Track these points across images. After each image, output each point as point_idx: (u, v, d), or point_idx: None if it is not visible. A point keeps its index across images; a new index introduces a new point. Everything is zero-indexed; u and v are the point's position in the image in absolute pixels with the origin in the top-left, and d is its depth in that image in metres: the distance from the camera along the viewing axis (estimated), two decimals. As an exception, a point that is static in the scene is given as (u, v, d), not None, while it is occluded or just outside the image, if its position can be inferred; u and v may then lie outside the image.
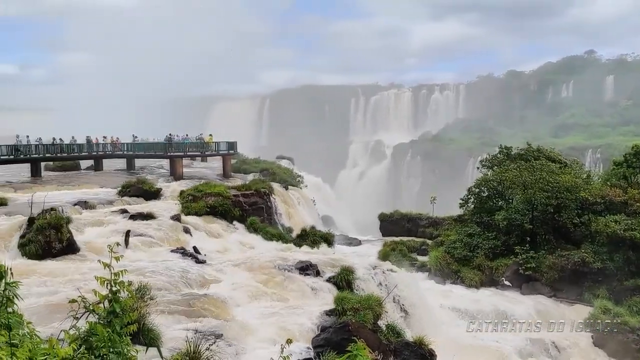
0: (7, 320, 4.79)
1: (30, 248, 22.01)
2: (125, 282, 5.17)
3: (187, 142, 50.26)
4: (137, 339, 11.07)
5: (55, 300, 16.07)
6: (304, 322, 17.83)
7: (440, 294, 29.20)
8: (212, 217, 32.35)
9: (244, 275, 22.59)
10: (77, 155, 48.62)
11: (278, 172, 51.07)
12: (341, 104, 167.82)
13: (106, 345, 4.59)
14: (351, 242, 45.35)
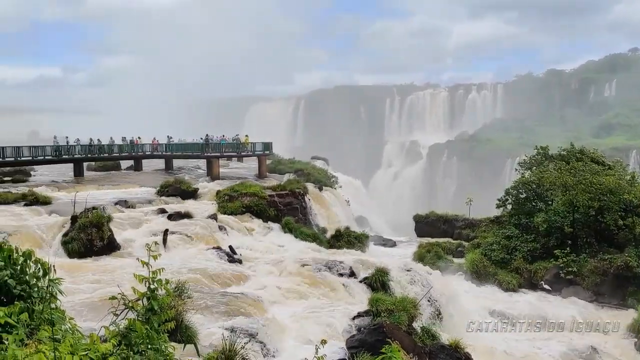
0: (50, 315, 4.95)
1: (73, 246, 22.71)
2: (163, 280, 5.26)
3: (224, 143, 50.94)
4: (175, 337, 11.28)
5: (96, 297, 16.51)
6: (337, 323, 17.81)
7: (476, 297, 28.72)
8: (248, 216, 32.68)
9: (279, 275, 22.75)
10: (118, 156, 49.89)
11: (313, 172, 51.19)
12: (376, 104, 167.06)
13: (144, 341, 4.68)
14: (386, 243, 45.07)
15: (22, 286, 5.10)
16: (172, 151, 50.92)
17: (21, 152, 40.06)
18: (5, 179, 39.92)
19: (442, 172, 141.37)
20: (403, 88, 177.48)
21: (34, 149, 41.50)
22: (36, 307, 4.98)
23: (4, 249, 5.14)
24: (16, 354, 3.56)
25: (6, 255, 5.10)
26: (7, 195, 30.37)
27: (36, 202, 29.70)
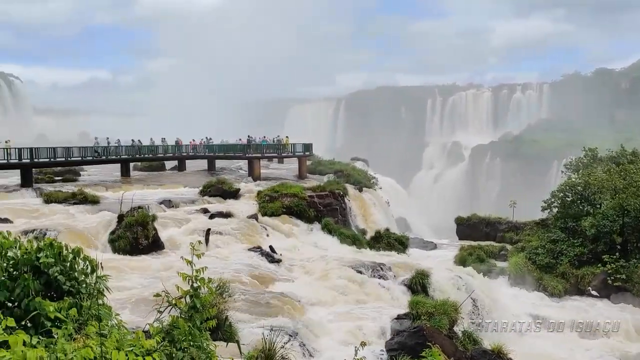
0: (98, 311, 5.11)
1: (120, 243, 23.40)
2: (205, 279, 5.35)
3: (265, 144, 51.44)
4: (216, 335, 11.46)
5: (141, 294, 16.95)
6: (377, 325, 17.72)
7: (520, 302, 28.03)
8: (288, 217, 32.89)
9: (319, 276, 22.79)
10: (163, 156, 51.10)
11: (352, 173, 51.05)
12: (418, 105, 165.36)
13: (187, 339, 4.77)
14: (426, 245, 44.54)
15: (71, 282, 5.28)
16: (215, 152, 51.81)
17: (71, 152, 41.56)
18: (57, 178, 41.48)
19: (485, 173, 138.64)
20: (445, 88, 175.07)
21: (83, 149, 42.99)
22: (84, 302, 5.15)
23: (55, 246, 5.33)
24: (65, 348, 3.68)
25: (56, 252, 5.29)
26: (57, 194, 31.54)
27: (85, 201, 30.73)
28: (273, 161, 60.84)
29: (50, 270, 5.14)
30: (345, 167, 55.06)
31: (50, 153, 39.36)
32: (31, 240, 5.46)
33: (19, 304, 4.84)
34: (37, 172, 40.22)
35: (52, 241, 5.41)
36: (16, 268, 5.10)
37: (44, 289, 5.11)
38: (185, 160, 52.17)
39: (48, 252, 5.23)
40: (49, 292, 5.17)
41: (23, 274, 5.00)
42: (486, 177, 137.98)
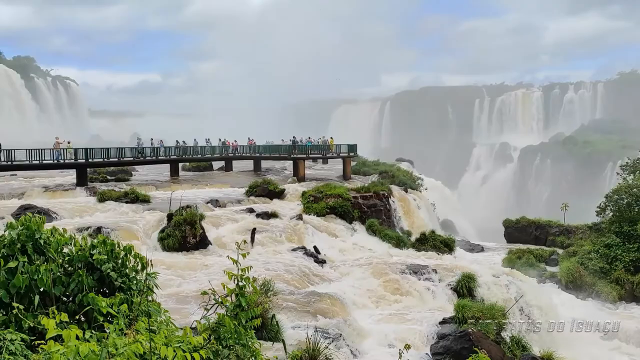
0: (147, 307, 5.25)
1: (169, 242, 24.00)
2: (251, 278, 5.41)
3: (310, 145, 51.69)
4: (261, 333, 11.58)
5: (188, 291, 17.33)
6: (422, 328, 17.50)
7: (572, 308, 27.09)
8: (332, 217, 32.93)
9: (363, 277, 22.70)
10: (210, 157, 52.14)
11: (397, 174, 50.61)
12: (465, 105, 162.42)
13: (233, 337, 4.84)
14: (473, 248, 43.67)
15: (122, 279, 5.45)
16: (261, 153, 52.46)
17: (124, 152, 43.01)
18: (110, 178, 42.98)
19: (535, 175, 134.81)
20: (493, 88, 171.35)
21: (135, 150, 44.43)
22: (135, 299, 5.30)
23: (107, 243, 5.52)
24: (116, 343, 3.80)
25: (109, 249, 5.47)
26: (111, 193, 32.66)
27: (136, 199, 31.69)
28: (318, 162, 61.07)
29: (103, 267, 5.32)
30: (390, 168, 54.67)
31: (104, 153, 40.87)
32: (85, 238, 5.66)
33: (74, 298, 5.03)
34: (92, 171, 41.80)
35: (105, 239, 5.60)
36: (71, 264, 5.31)
37: (97, 285, 5.29)
38: (232, 160, 53.04)
39: (101, 249, 5.42)
40: (101, 288, 5.35)
41: (78, 270, 5.19)
42: (536, 179, 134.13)
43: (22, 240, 5.12)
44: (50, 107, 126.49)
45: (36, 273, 4.83)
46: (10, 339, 3.89)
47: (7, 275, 4.76)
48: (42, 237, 5.23)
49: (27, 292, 4.78)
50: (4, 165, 36.73)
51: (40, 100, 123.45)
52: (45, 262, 5.05)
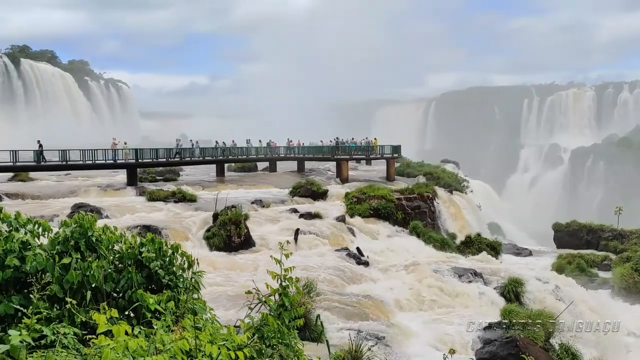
0: (193, 305, 5.36)
1: (214, 241, 24.46)
2: (294, 278, 5.45)
3: (353, 146, 51.61)
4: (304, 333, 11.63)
5: (232, 290, 17.60)
6: (466, 332, 17.18)
7: (626, 315, 26.02)
8: (376, 219, 32.77)
9: (406, 279, 22.49)
10: (255, 158, 52.87)
11: (442, 176, 49.91)
12: (513, 105, 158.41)
13: (276, 336, 4.88)
14: (520, 252, 42.55)
15: (169, 276, 5.58)
16: (304, 154, 52.78)
17: (172, 153, 44.16)
18: (158, 177, 44.19)
19: (586, 178, 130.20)
20: (543, 88, 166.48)
21: (182, 150, 45.55)
22: (181, 296, 5.42)
23: (156, 241, 5.66)
24: (163, 339, 3.89)
25: (157, 247, 5.61)
26: (159, 193, 33.58)
27: (183, 199, 32.45)
28: (361, 163, 60.90)
29: (152, 265, 5.46)
30: (434, 169, 53.98)
31: (153, 154, 42.08)
32: (135, 236, 5.83)
33: (123, 295, 5.19)
34: (141, 171, 43.07)
35: (153, 237, 5.75)
36: (121, 261, 5.47)
37: (146, 282, 5.44)
38: (276, 161, 53.57)
39: (150, 247, 5.56)
40: (149, 285, 5.49)
41: (127, 267, 5.35)
42: (587, 182, 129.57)
43: (76, 237, 5.32)
44: (103, 109, 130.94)
45: (88, 269, 5.01)
46: (64, 332, 4.05)
47: (61, 271, 4.96)
48: (94, 235, 5.42)
49: (79, 287, 4.96)
50: (60, 164, 38.39)
51: (93, 103, 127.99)
52: (97, 259, 5.23)
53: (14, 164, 36.30)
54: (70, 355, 3.80)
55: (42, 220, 5.77)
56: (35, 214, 22.01)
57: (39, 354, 3.72)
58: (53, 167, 39.20)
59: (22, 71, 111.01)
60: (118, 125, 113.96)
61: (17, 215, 5.95)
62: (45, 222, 5.77)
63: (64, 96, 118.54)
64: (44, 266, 4.93)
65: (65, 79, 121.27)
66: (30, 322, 3.90)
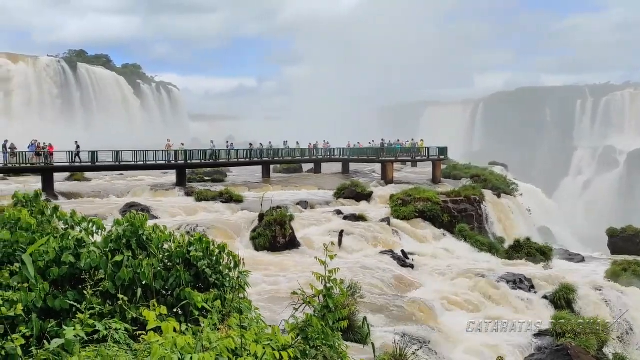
0: (239, 304, 5.44)
1: (260, 241, 24.77)
2: (338, 280, 5.44)
3: (399, 148, 51.20)
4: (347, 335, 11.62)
5: (277, 290, 17.74)
6: (514, 339, 16.75)
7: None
8: (421, 221, 32.37)
9: (452, 283, 22.14)
10: (300, 159, 53.21)
11: (490, 178, 48.80)
12: (565, 106, 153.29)
13: (320, 337, 4.89)
14: (572, 257, 41.06)
15: (216, 276, 5.69)
16: (349, 155, 52.74)
17: (219, 155, 45.03)
18: (206, 178, 45.12)
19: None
20: (597, 88, 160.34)
21: (228, 152, 46.38)
22: (227, 295, 5.52)
23: (203, 241, 5.78)
24: (210, 337, 3.96)
25: (205, 246, 5.73)
26: (207, 193, 34.30)
27: (230, 199, 33.03)
28: (406, 165, 60.34)
29: (199, 264, 5.58)
30: (482, 172, 52.84)
31: (201, 155, 43.06)
32: (183, 235, 5.97)
33: (172, 292, 5.32)
34: (190, 172, 44.10)
35: (201, 236, 5.87)
36: (170, 260, 5.62)
37: (193, 281, 5.56)
38: (321, 163, 53.74)
39: (198, 247, 5.69)
40: (197, 284, 5.61)
41: (176, 265, 5.49)
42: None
43: (127, 236, 5.50)
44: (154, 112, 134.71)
45: (139, 267, 5.16)
46: (115, 328, 4.19)
47: (114, 269, 5.13)
48: (145, 234, 5.58)
49: (130, 284, 5.12)
50: (113, 165, 39.82)
51: (145, 105, 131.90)
52: (147, 257, 5.38)
53: (71, 164, 37.88)
54: (121, 350, 3.92)
55: (96, 219, 5.99)
56: (90, 212, 22.86)
57: (92, 348, 3.86)
58: (107, 168, 40.70)
59: (78, 75, 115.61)
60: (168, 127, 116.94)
61: (73, 213, 6.19)
62: (99, 221, 5.99)
63: (117, 99, 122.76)
64: (98, 263, 5.11)
65: (119, 83, 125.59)
66: (84, 318, 4.05)
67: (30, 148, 36.86)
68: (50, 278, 4.97)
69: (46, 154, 36.16)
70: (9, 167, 36.33)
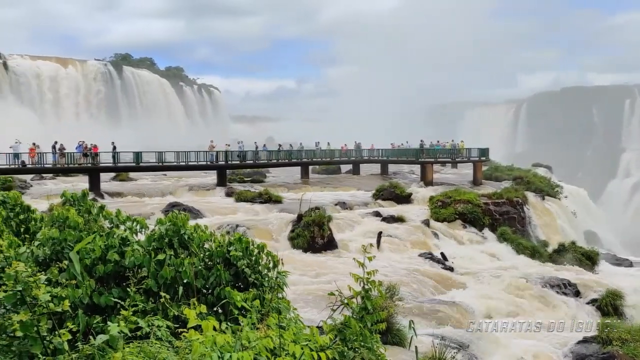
0: (278, 304, 5.49)
1: (298, 241, 24.91)
2: (376, 282, 5.42)
3: (438, 149, 50.58)
4: (386, 338, 11.55)
5: (315, 291, 17.79)
6: (557, 346, 16.29)
7: None
8: (461, 224, 31.88)
9: (493, 287, 21.69)
10: (338, 160, 53.23)
11: (533, 180, 47.59)
12: (612, 106, 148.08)
13: (358, 339, 4.88)
14: (620, 262, 39.63)
15: (255, 275, 5.76)
16: (388, 156, 52.43)
17: (258, 155, 45.55)
18: (246, 179, 45.69)
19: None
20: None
21: (268, 153, 46.86)
22: (266, 295, 5.57)
23: (243, 240, 5.86)
24: (249, 336, 4.01)
25: (244, 246, 5.80)
26: (247, 194, 34.74)
27: (269, 200, 33.34)
28: (446, 166, 59.54)
29: (239, 263, 5.66)
30: (525, 173, 51.59)
31: (241, 156, 43.68)
32: (224, 235, 6.07)
33: (212, 291, 5.41)
34: (230, 173, 44.75)
35: (240, 236, 5.96)
36: (211, 259, 5.72)
37: (233, 280, 5.64)
38: (360, 164, 53.60)
39: (237, 247, 5.77)
40: (236, 283, 5.69)
41: (216, 264, 5.58)
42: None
43: (170, 235, 5.63)
44: (196, 113, 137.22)
45: (181, 266, 5.27)
46: (158, 325, 4.28)
47: (156, 267, 5.25)
48: (187, 233, 5.70)
49: (172, 283, 5.23)
50: (156, 165, 40.85)
51: (187, 107, 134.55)
52: (188, 256, 5.49)
53: (115, 165, 39.02)
54: (163, 347, 4.01)
55: (140, 218, 6.15)
56: (134, 212, 23.47)
57: (135, 344, 3.96)
58: (150, 168, 41.74)
59: (124, 78, 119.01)
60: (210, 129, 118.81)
61: (118, 212, 6.38)
62: (143, 220, 6.15)
63: (161, 101, 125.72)
64: (141, 261, 5.25)
65: (162, 85, 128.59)
66: (128, 314, 4.16)
67: (78, 149, 38.18)
68: (96, 275, 5.13)
69: (93, 154, 37.36)
70: (58, 167, 37.77)
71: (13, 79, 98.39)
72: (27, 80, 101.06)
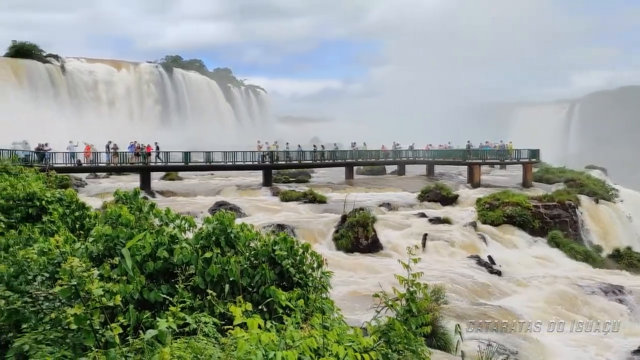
0: (322, 304, 5.50)
1: (342, 242, 24.90)
2: (422, 284, 5.36)
3: (487, 150, 49.51)
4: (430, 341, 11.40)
5: (359, 292, 17.74)
6: (612, 355, 15.69)
7: None
8: (509, 227, 31.07)
9: (543, 293, 21.07)
10: (383, 161, 52.88)
11: (587, 183, 45.86)
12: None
13: (402, 341, 4.84)
14: (681, 270, 37.81)
15: (300, 275, 5.79)
16: (434, 157, 51.71)
17: (303, 156, 45.81)
18: (291, 179, 46.04)
19: None
20: None
21: (313, 153, 47.05)
22: (310, 295, 5.60)
23: (287, 240, 5.91)
24: (293, 336, 4.04)
25: (289, 246, 5.85)
26: (291, 194, 35.00)
27: (314, 200, 33.47)
28: (495, 168, 58.20)
29: (284, 263, 5.71)
30: (578, 176, 49.82)
31: (285, 156, 44.07)
32: (269, 234, 6.14)
33: (257, 290, 5.48)
34: (276, 172, 45.21)
35: (285, 236, 6.01)
36: (256, 258, 5.79)
37: (277, 279, 5.70)
38: (405, 165, 53.09)
39: (282, 246, 5.82)
40: (281, 282, 5.74)
41: (261, 263, 5.65)
42: None
43: (217, 233, 5.74)
44: (243, 114, 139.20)
45: (227, 264, 5.37)
46: (204, 322, 4.38)
47: (204, 265, 5.37)
48: (233, 232, 5.80)
49: (219, 281, 5.33)
50: (204, 165, 41.79)
51: (234, 108, 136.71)
52: (234, 255, 5.58)
53: (165, 164, 40.10)
54: (209, 343, 4.09)
55: (188, 217, 6.30)
56: (182, 210, 24.04)
57: (183, 340, 4.06)
58: (198, 168, 42.66)
59: (174, 79, 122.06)
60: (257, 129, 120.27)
61: (167, 211, 6.55)
62: (191, 218, 6.29)
63: (209, 102, 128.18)
64: (189, 259, 5.37)
65: (211, 86, 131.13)
66: (176, 310, 4.26)
67: (130, 148, 39.44)
68: (146, 271, 5.29)
69: (144, 153, 38.51)
70: (112, 166, 39.13)
71: (70, 81, 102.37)
72: (83, 83, 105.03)
